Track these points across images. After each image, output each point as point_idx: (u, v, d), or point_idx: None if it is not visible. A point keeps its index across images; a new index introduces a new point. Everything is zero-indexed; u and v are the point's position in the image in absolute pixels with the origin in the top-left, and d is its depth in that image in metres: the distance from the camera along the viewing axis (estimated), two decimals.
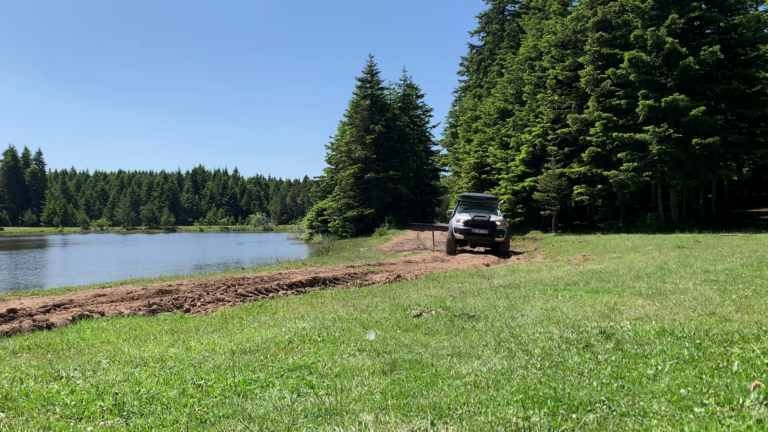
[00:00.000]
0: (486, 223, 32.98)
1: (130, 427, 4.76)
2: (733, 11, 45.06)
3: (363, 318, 9.16)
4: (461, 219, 33.06)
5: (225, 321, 9.87)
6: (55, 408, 5.27)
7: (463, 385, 5.39)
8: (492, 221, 33.00)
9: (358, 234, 78.22)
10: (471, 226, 32.80)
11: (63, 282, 27.36)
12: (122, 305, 13.04)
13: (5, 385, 5.98)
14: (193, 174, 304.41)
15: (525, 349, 6.53)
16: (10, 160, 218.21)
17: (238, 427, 4.64)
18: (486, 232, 32.83)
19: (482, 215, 33.41)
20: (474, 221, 32.84)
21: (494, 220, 33.14)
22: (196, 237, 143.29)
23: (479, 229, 32.74)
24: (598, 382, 5.21)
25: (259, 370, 6.24)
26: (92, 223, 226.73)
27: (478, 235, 32.87)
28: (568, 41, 52.63)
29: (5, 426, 4.87)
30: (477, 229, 32.70)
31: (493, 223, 32.98)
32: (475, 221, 32.85)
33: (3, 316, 11.69)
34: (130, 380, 6.04)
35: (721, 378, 5.06)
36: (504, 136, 60.74)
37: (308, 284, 16.83)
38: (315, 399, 5.22)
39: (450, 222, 35.13)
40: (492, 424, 4.34)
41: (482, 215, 33.41)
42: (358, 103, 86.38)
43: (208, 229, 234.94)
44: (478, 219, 32.97)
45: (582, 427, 4.21)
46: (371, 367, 6.15)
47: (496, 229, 32.87)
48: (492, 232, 32.83)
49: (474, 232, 32.73)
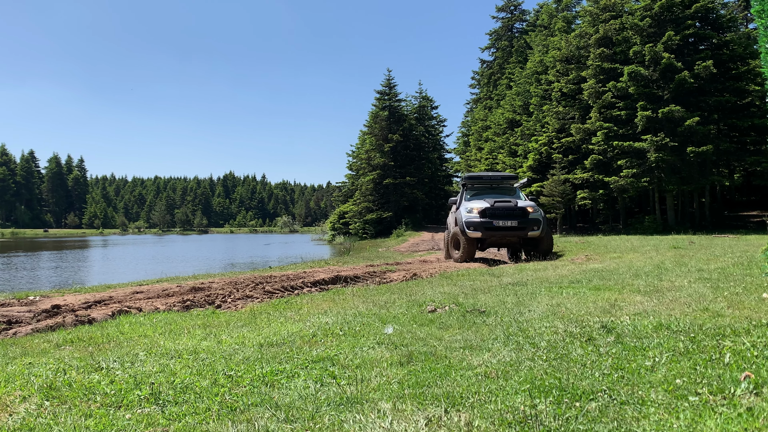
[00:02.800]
0: (513, 210, 21.88)
1: (165, 415, 4.76)
2: (725, 29, 45.13)
3: (381, 313, 9.15)
4: (474, 208, 22.10)
5: (254, 316, 9.87)
6: (96, 397, 5.28)
7: (475, 375, 5.38)
8: (521, 207, 22.03)
9: (377, 235, 78.27)
10: (491, 216, 21.68)
11: (103, 280, 27.42)
12: (158, 301, 13.06)
13: (50, 376, 6.00)
14: (224, 180, 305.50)
15: (532, 342, 6.52)
16: (54, 167, 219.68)
17: (266, 414, 4.64)
18: (515, 224, 21.63)
19: (504, 200, 22.38)
20: (495, 209, 21.75)
21: (524, 205, 22.17)
22: (226, 238, 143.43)
23: (504, 221, 21.58)
24: (600, 373, 5.20)
25: (285, 362, 6.24)
26: (130, 226, 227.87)
27: (503, 230, 21.61)
28: (572, 56, 52.60)
29: (50, 413, 4.89)
30: (501, 221, 21.54)
31: (522, 210, 21.98)
32: (496, 209, 21.75)
33: (47, 311, 11.73)
34: (165, 371, 6.05)
35: (713, 369, 5.04)
36: (512, 145, 60.72)
37: (331, 282, 16.80)
38: (337, 388, 5.22)
39: (455, 215, 24.18)
40: (501, 411, 4.34)
41: (504, 200, 22.38)
42: (377, 114, 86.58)
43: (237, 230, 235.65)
44: (501, 205, 21.87)
45: (585, 415, 4.20)
46: (389, 358, 6.14)
47: (528, 219, 21.85)
48: (523, 223, 21.73)
49: (497, 225, 21.53)
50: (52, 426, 4.57)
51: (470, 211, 22.16)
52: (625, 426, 4.00)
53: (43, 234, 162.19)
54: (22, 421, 4.72)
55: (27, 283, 29.80)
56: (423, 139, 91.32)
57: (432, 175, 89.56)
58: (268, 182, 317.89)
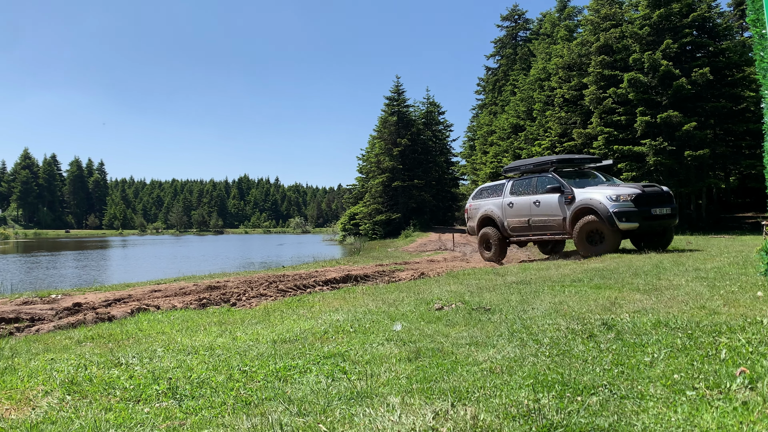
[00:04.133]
0: (663, 195, 18.71)
1: (182, 409, 4.78)
2: (722, 37, 45.10)
3: (390, 311, 9.15)
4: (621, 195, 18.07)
5: (267, 314, 9.88)
6: (116, 391, 5.30)
7: (480, 371, 5.38)
8: (668, 192, 19.03)
9: (386, 236, 78.46)
10: (647, 204, 18.08)
11: (122, 278, 27.49)
12: (175, 299, 13.09)
13: (71, 371, 6.02)
14: (239, 182, 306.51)
15: (535, 338, 6.51)
16: (76, 170, 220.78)
17: (279, 408, 4.65)
18: (669, 212, 18.52)
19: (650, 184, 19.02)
20: (649, 195, 18.26)
21: (666, 189, 19.10)
22: (241, 238, 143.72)
23: (660, 208, 18.26)
24: (601, 369, 5.19)
25: (297, 358, 6.25)
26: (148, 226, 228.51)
27: (660, 219, 18.27)
28: (573, 64, 52.51)
29: (72, 407, 4.91)
30: (657, 209, 18.15)
31: (669, 195, 19.01)
32: (650, 195, 18.29)
33: (69, 309, 11.78)
34: (182, 367, 6.06)
35: (710, 365, 5.03)
36: (516, 149, 60.63)
37: (342, 281, 16.82)
38: (348, 383, 5.22)
39: (517, 202, 21.31)
40: (506, 405, 4.34)
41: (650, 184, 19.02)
42: (386, 119, 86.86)
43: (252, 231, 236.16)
44: (651, 190, 18.51)
45: (586, 409, 4.20)
46: (398, 354, 6.14)
47: (675, 206, 19.02)
48: (674, 210, 18.83)
49: (654, 214, 18.05)
50: (74, 419, 4.59)
51: (616, 198, 17.92)
52: (625, 419, 3.99)
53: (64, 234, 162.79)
54: (45, 415, 4.74)
55: (49, 281, 29.91)
56: (430, 144, 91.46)
57: (439, 178, 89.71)
58: (281, 185, 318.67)
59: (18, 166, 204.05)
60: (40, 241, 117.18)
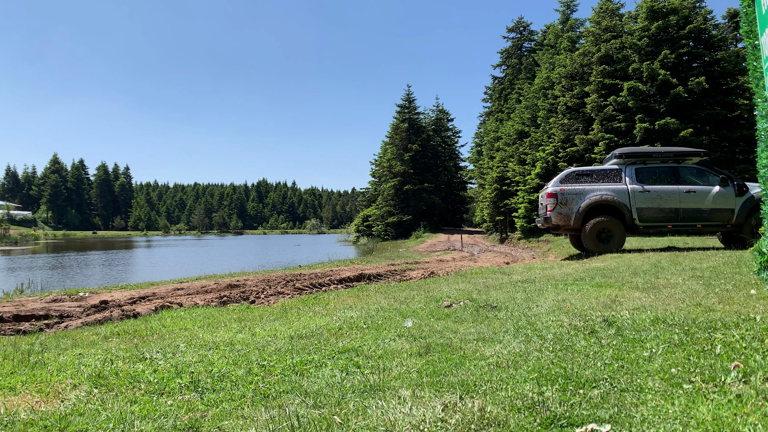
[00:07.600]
0: None
1: (204, 401, 4.80)
2: (717, 47, 44.94)
3: (402, 308, 9.16)
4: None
5: (285, 311, 9.90)
6: (140, 385, 5.32)
7: (487, 365, 5.39)
8: None
9: (398, 237, 78.56)
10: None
11: (147, 277, 27.58)
12: (197, 297, 13.12)
13: (98, 365, 6.05)
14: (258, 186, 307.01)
15: (539, 334, 6.51)
16: (102, 174, 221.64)
17: (296, 400, 4.66)
18: None
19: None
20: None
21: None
22: (260, 239, 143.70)
23: None
24: (602, 363, 5.19)
25: (313, 353, 6.26)
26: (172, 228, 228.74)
27: None
28: (576, 73, 52.40)
29: (98, 400, 4.93)
30: None
31: None
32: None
33: (96, 306, 11.82)
34: (204, 361, 6.08)
35: (706, 359, 5.02)
36: (521, 154, 60.48)
37: (355, 279, 16.83)
38: (361, 377, 5.23)
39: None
40: (511, 398, 4.34)
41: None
42: (397, 126, 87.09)
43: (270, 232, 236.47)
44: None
45: (588, 401, 4.20)
46: (409, 350, 6.15)
47: None
48: None
49: None
50: (100, 411, 4.61)
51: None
52: (625, 411, 3.99)
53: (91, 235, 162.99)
54: (73, 407, 4.76)
55: (77, 280, 30.01)
56: (440, 149, 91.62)
57: (448, 182, 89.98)
58: (298, 188, 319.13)
59: (47, 170, 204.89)
60: (68, 241, 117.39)
